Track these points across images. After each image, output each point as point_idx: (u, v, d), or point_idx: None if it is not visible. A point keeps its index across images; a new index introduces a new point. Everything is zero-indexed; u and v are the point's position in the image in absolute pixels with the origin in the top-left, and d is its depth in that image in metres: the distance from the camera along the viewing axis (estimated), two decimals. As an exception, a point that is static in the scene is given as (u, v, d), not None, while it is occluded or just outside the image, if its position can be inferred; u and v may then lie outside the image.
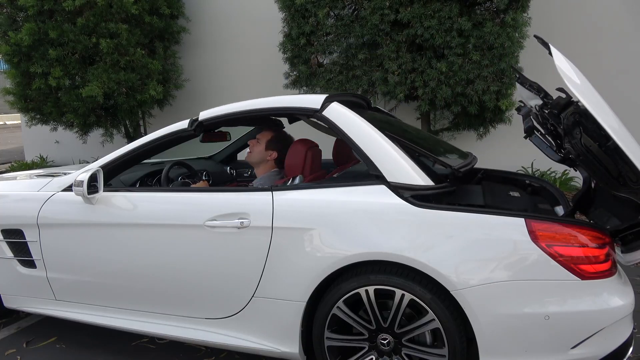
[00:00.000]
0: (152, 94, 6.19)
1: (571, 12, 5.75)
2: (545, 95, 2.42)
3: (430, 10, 4.66)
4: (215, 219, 2.40)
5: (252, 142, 3.02)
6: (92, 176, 2.58)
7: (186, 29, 6.88)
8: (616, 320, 2.00)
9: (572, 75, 1.94)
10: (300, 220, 2.27)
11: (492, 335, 2.01)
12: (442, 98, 4.80)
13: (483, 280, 2.00)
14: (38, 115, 6.56)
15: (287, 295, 2.29)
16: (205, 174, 3.53)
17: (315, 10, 5.07)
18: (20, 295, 2.97)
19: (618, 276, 2.13)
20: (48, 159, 8.71)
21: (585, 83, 1.92)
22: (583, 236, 1.99)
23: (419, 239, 2.09)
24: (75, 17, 5.91)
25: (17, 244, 2.92)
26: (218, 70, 7.42)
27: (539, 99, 2.43)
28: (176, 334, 2.57)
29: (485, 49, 4.70)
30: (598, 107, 1.86)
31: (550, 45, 2.04)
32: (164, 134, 2.69)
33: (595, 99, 1.88)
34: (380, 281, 2.14)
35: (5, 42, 6.10)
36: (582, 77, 1.94)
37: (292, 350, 2.32)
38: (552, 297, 1.97)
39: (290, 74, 5.53)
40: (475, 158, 2.78)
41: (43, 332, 3.15)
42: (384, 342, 2.21)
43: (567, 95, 2.09)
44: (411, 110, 6.07)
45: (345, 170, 2.94)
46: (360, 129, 2.33)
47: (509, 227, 2.01)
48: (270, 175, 2.99)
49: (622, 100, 5.68)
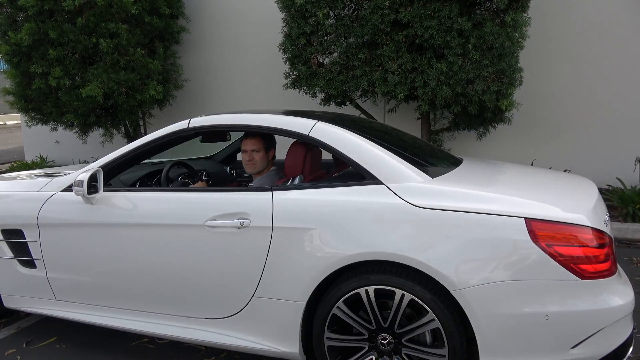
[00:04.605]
0: (152, 94, 6.19)
1: (571, 12, 5.75)
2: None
3: (430, 10, 4.66)
4: (215, 219, 2.40)
5: (249, 154, 2.98)
6: (92, 176, 2.59)
7: (186, 29, 6.88)
8: (616, 320, 2.00)
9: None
10: (300, 220, 2.27)
11: (492, 335, 2.01)
12: (442, 98, 4.80)
13: (483, 280, 2.00)
14: (38, 115, 6.55)
15: (287, 295, 2.29)
16: (205, 174, 3.53)
17: (315, 10, 5.07)
18: (20, 295, 2.98)
19: (618, 276, 2.13)
20: (48, 159, 8.71)
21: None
22: (583, 236, 1.99)
23: (418, 238, 2.09)
24: (75, 17, 5.91)
25: (17, 244, 2.92)
26: (218, 70, 7.42)
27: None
28: (176, 334, 2.57)
29: (485, 49, 4.70)
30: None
31: None
32: (163, 134, 2.69)
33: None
34: (380, 281, 2.14)
35: (5, 42, 6.10)
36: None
37: (292, 350, 2.32)
38: (552, 297, 1.97)
39: (290, 74, 5.53)
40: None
41: (43, 332, 3.15)
42: (384, 342, 2.21)
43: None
44: (411, 110, 6.08)
45: (345, 170, 2.95)
46: (347, 141, 2.38)
47: (509, 226, 2.01)
48: (270, 175, 2.99)
49: (622, 100, 5.69)
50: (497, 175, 2.58)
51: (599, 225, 2.07)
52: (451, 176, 2.39)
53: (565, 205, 2.11)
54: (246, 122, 2.62)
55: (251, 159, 2.98)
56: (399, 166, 2.28)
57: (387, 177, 2.24)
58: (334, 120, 2.59)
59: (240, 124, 2.64)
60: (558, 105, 5.95)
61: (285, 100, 6.50)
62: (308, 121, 2.51)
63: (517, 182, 2.46)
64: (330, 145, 2.40)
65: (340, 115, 2.98)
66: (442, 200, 2.12)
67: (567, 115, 5.94)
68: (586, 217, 2.04)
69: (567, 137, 5.98)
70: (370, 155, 2.33)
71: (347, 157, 2.35)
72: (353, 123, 2.72)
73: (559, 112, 5.97)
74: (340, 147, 2.38)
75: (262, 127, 2.57)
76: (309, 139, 2.46)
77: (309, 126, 2.48)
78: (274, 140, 3.10)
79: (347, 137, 2.40)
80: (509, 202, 2.07)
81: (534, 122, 6.05)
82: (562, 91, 5.90)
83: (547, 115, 6.01)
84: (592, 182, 2.65)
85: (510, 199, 2.10)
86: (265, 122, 2.57)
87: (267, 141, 3.03)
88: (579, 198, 2.26)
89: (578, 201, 2.21)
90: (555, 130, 6.02)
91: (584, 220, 2.02)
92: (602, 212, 2.28)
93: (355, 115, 4.21)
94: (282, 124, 2.53)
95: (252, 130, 2.65)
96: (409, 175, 2.25)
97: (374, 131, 2.71)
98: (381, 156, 2.32)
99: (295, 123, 2.51)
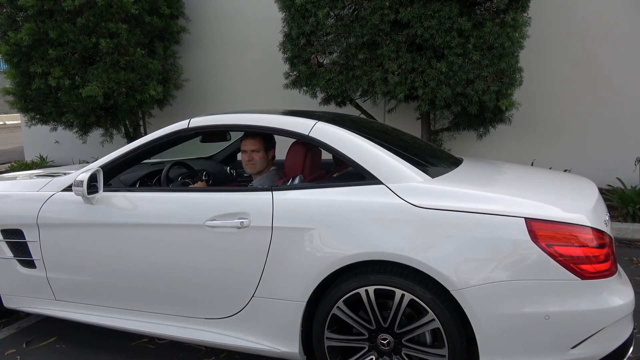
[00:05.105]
0: (152, 94, 6.19)
1: (571, 12, 5.75)
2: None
3: (430, 10, 4.66)
4: (215, 219, 2.40)
5: (249, 154, 2.98)
6: (92, 176, 2.59)
7: (186, 29, 6.88)
8: (616, 320, 2.00)
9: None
10: (300, 220, 2.27)
11: (492, 335, 2.01)
12: (442, 98, 4.80)
13: (483, 280, 2.00)
14: (38, 115, 6.55)
15: (287, 295, 2.29)
16: (205, 174, 3.53)
17: (315, 10, 5.07)
18: (20, 295, 2.97)
19: (618, 276, 2.13)
20: (48, 159, 8.71)
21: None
22: (583, 236, 1.99)
23: (419, 238, 2.09)
24: (75, 17, 5.91)
25: (17, 244, 2.92)
26: (218, 70, 7.42)
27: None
28: (176, 334, 2.57)
29: (485, 49, 4.70)
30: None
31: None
32: (163, 134, 2.69)
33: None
34: (380, 281, 2.14)
35: (5, 42, 6.10)
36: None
37: (292, 350, 2.32)
38: (552, 297, 1.97)
39: (290, 74, 5.53)
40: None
41: (43, 332, 3.15)
42: (384, 342, 2.21)
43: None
44: (411, 110, 6.08)
45: (345, 170, 2.95)
46: (347, 141, 2.38)
47: (509, 226, 2.01)
48: (270, 175, 2.99)
49: (622, 100, 5.69)
50: (497, 175, 2.58)
51: (599, 225, 2.07)
52: (451, 176, 2.39)
53: (565, 205, 2.11)
54: (246, 122, 2.62)
55: (251, 159, 2.98)
56: (399, 166, 2.28)
57: (387, 177, 2.24)
58: (334, 120, 2.59)
59: (240, 124, 2.64)
60: (558, 105, 5.95)
61: (285, 100, 6.50)
62: (308, 121, 2.51)
63: (517, 182, 2.46)
64: (330, 145, 2.40)
65: (340, 115, 2.98)
66: (442, 200, 2.12)
67: (567, 115, 5.94)
68: (586, 217, 2.04)
69: (567, 137, 5.98)
70: (370, 155, 2.33)
71: (347, 157, 2.35)
72: (353, 123, 2.72)
73: (559, 112, 5.97)
74: (340, 147, 2.38)
75: (262, 127, 2.57)
76: (309, 139, 2.46)
77: (309, 126, 2.48)
78: (273, 140, 3.10)
79: (347, 137, 2.40)
80: (509, 202, 2.07)
81: (534, 122, 6.05)
82: (562, 91, 5.90)
83: (547, 115, 6.01)
84: (592, 182, 2.65)
85: (510, 199, 2.10)
86: (265, 122, 2.57)
87: (267, 141, 3.03)
88: (579, 198, 2.26)
89: (578, 201, 2.21)
90: (555, 130, 6.02)
91: (584, 220, 2.02)
92: (602, 212, 2.28)
93: (355, 115, 4.21)
94: (282, 124, 2.53)
95: (252, 130, 2.65)
96: (409, 175, 2.25)
97: (374, 131, 2.71)
98: (381, 156, 2.32)
99: (295, 123, 2.51)
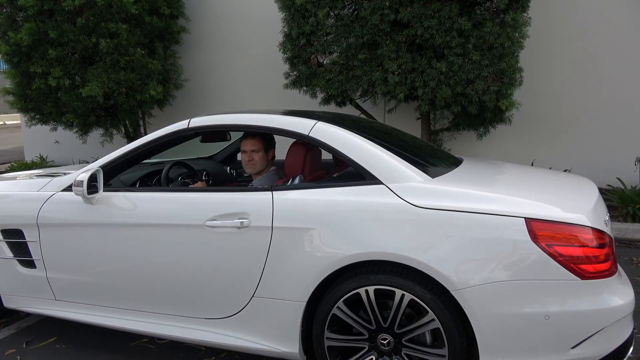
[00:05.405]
0: (152, 94, 6.19)
1: (571, 12, 5.75)
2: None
3: (430, 10, 4.66)
4: (215, 219, 2.40)
5: (249, 154, 2.98)
6: (91, 176, 2.59)
7: (186, 29, 6.88)
8: (616, 320, 2.00)
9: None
10: (300, 220, 2.27)
11: (492, 335, 2.01)
12: (442, 98, 4.79)
13: (483, 280, 2.00)
14: (38, 115, 6.55)
15: (287, 295, 2.29)
16: (205, 174, 3.53)
17: (315, 10, 5.07)
18: (20, 295, 2.97)
19: (618, 276, 2.13)
20: (48, 159, 8.71)
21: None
22: (583, 236, 1.99)
23: (419, 238, 2.09)
24: (75, 17, 5.91)
25: (17, 244, 2.92)
26: (218, 70, 7.42)
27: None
28: (176, 334, 2.57)
29: (485, 49, 4.70)
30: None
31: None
32: (163, 134, 2.69)
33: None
34: (380, 281, 2.14)
35: (5, 42, 6.10)
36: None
37: (292, 350, 2.32)
38: (552, 297, 1.96)
39: (290, 74, 5.53)
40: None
41: (43, 332, 3.15)
42: (384, 342, 2.21)
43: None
44: (411, 110, 6.08)
45: (345, 170, 2.95)
46: (347, 141, 2.38)
47: (509, 226, 2.01)
48: (270, 175, 2.99)
49: (622, 100, 5.69)
50: (497, 175, 2.58)
51: (599, 225, 2.07)
52: (451, 176, 2.39)
53: (565, 205, 2.11)
54: (246, 122, 2.62)
55: (251, 159, 2.98)
56: (399, 166, 2.28)
57: (387, 177, 2.24)
58: (334, 120, 2.59)
59: (240, 124, 2.64)
60: (558, 105, 5.95)
61: (285, 100, 6.50)
62: (308, 121, 2.50)
63: (517, 182, 2.46)
64: (330, 145, 2.40)
65: (340, 115, 2.98)
66: (442, 200, 2.12)
67: (567, 115, 5.94)
68: (586, 217, 2.04)
69: (567, 137, 5.98)
70: (370, 155, 2.33)
71: (347, 157, 2.35)
72: (353, 123, 2.72)
73: (559, 112, 5.97)
74: (340, 147, 2.38)
75: (262, 127, 2.57)
76: (309, 139, 2.46)
77: (308, 126, 2.48)
78: (273, 140, 3.10)
79: (347, 137, 2.40)
80: (509, 202, 2.07)
81: (534, 122, 6.04)
82: (562, 91, 5.90)
83: (547, 115, 6.01)
84: (592, 182, 2.65)
85: (510, 199, 2.09)
86: (265, 122, 2.57)
87: (267, 141, 3.03)
88: (579, 198, 2.26)
89: (578, 201, 2.21)
90: (555, 130, 6.01)
91: (584, 220, 2.02)
92: (602, 212, 2.28)
93: (355, 115, 4.21)
94: (282, 124, 2.53)
95: (252, 130, 2.65)
96: (409, 175, 2.25)
97: (374, 131, 2.71)
98: (381, 156, 2.32)
99: (295, 123, 2.51)
